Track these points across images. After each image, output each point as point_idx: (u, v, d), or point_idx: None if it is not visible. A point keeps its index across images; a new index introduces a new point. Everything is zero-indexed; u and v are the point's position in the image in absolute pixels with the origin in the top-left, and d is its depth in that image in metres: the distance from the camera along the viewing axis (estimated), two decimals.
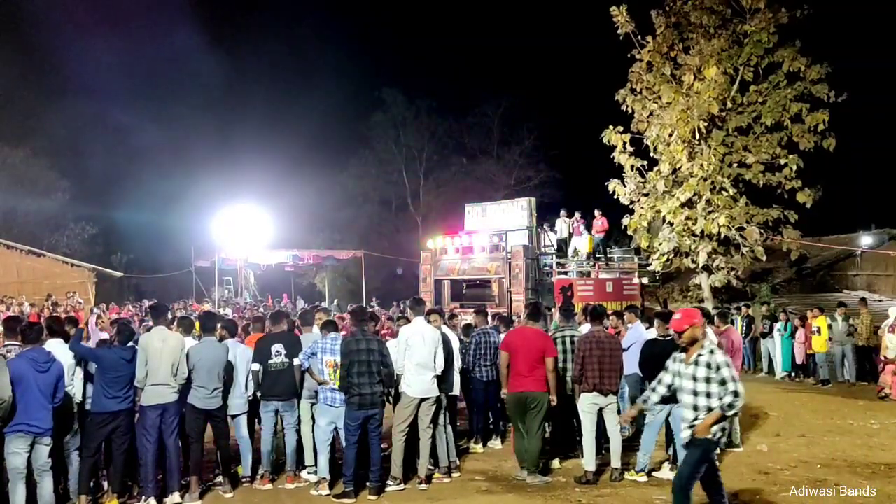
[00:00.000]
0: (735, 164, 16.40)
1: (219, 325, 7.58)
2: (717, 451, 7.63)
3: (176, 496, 6.63)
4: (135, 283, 35.55)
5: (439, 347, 7.19)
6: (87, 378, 6.66)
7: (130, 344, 6.79)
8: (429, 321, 7.46)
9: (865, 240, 28.40)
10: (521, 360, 7.27)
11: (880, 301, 22.74)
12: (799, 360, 14.85)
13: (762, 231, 16.35)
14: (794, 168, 15.82)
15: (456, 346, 8.07)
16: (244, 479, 7.36)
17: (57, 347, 6.49)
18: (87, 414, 6.56)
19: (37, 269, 25.40)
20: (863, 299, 15.49)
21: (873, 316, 14.39)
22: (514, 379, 7.31)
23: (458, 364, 8.03)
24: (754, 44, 15.99)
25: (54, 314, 14.62)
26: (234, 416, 7.37)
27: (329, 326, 7.43)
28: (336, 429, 7.14)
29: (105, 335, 9.70)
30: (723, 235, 16.30)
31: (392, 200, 42.89)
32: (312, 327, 7.94)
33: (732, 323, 12.88)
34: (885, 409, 11.08)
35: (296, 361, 7.24)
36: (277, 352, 7.26)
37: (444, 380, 7.38)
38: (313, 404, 7.38)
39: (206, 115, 45.27)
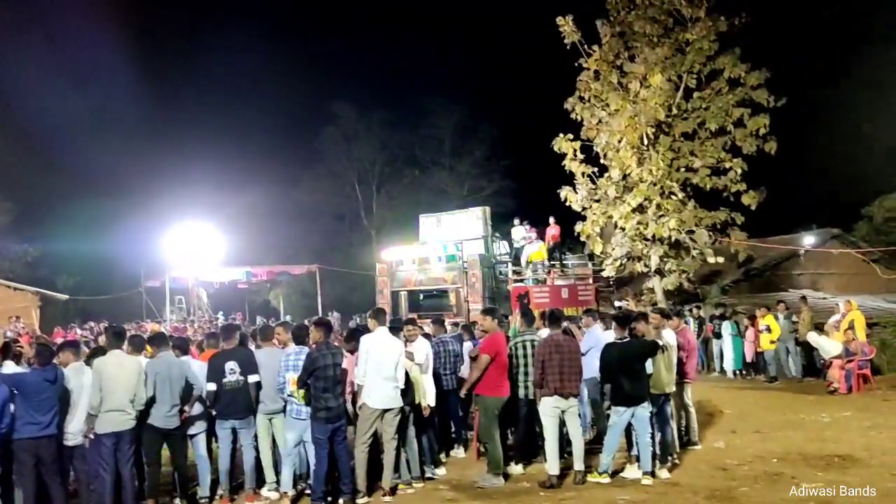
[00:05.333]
0: (683, 169, 16.76)
1: (170, 344, 7.35)
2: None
3: None
4: (81, 305, 34.47)
5: (401, 358, 7.11)
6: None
7: (51, 364, 6.47)
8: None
9: (808, 239, 29.23)
10: (502, 365, 7.55)
11: (824, 299, 23.40)
12: (749, 358, 15.23)
13: (711, 233, 16.72)
14: (739, 171, 16.27)
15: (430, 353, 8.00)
16: (202, 500, 7.17)
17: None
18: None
19: None
20: (803, 297, 15.93)
21: (814, 313, 14.81)
22: (500, 383, 7.55)
23: (430, 372, 7.93)
24: (696, 51, 16.45)
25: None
26: (192, 436, 7.18)
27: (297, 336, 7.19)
28: (302, 442, 6.99)
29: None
30: (673, 239, 16.62)
31: (346, 214, 42.70)
32: (272, 342, 7.61)
33: (687, 323, 13.10)
34: (835, 402, 11.39)
35: (251, 379, 7.07)
36: (231, 370, 7.04)
37: (406, 391, 7.27)
38: (271, 419, 7.22)
39: (154, 131, 44.54)
